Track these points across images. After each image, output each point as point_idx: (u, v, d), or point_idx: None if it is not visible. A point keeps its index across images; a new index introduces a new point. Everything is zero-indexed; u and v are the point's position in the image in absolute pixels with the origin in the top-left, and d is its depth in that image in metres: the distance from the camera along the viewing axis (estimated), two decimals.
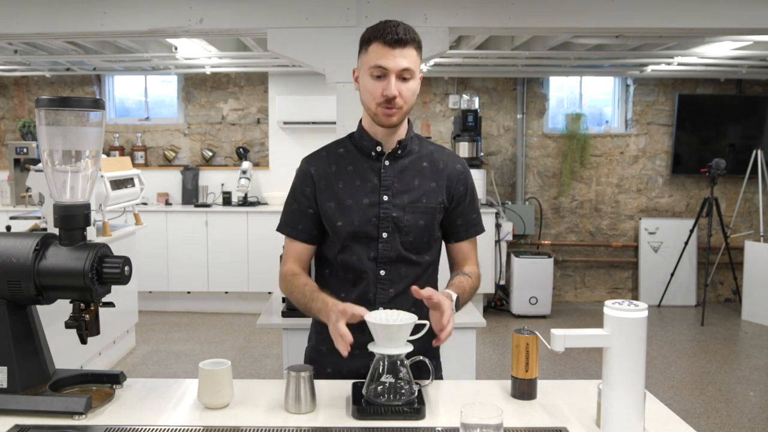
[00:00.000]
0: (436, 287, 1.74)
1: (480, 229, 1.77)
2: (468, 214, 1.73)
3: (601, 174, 6.43)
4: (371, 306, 1.63)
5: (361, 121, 1.70)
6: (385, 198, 1.64)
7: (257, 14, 3.35)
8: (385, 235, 1.64)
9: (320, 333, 1.74)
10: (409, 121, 1.70)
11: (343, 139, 1.75)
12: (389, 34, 1.53)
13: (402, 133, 1.67)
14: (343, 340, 1.40)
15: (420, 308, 1.67)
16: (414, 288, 1.48)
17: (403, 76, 1.55)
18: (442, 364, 1.84)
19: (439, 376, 1.80)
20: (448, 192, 1.69)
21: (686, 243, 6.02)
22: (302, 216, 1.69)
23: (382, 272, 1.65)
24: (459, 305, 1.62)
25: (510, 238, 5.74)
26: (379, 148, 1.66)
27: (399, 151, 1.67)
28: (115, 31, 3.44)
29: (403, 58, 1.53)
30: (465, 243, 1.75)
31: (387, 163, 1.66)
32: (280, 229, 1.73)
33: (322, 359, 1.73)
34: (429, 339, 1.77)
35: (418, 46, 1.58)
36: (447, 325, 1.46)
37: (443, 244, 1.78)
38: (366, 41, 1.58)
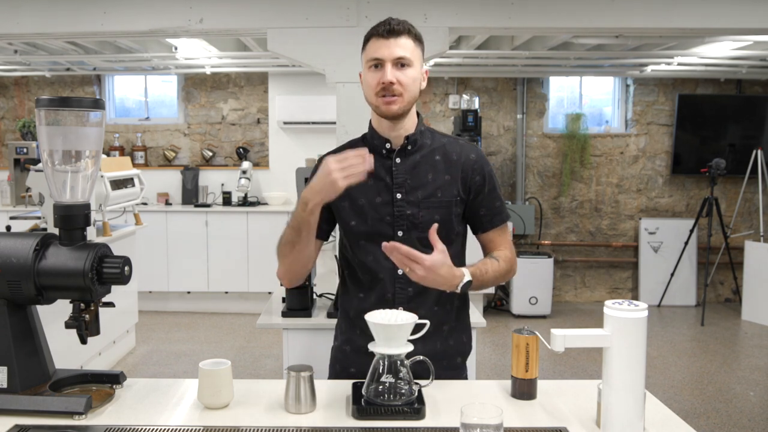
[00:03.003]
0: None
1: (505, 217, 1.72)
2: (490, 204, 1.69)
3: (601, 174, 6.43)
4: (391, 306, 1.61)
5: (371, 121, 1.70)
6: (398, 196, 1.63)
7: (257, 14, 3.35)
8: (400, 233, 1.63)
9: (345, 333, 1.75)
10: (418, 114, 1.69)
11: (357, 139, 1.74)
12: (383, 26, 1.57)
13: (410, 127, 1.65)
14: (345, 161, 1.42)
15: (443, 306, 1.67)
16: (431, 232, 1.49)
17: (401, 63, 1.56)
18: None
19: (464, 375, 1.78)
20: (464, 183, 1.66)
21: (686, 243, 6.02)
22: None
23: (400, 271, 1.62)
24: (473, 285, 1.57)
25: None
26: (388, 145, 1.65)
27: (409, 147, 1.65)
28: (115, 31, 3.44)
29: (398, 47, 1.56)
30: (491, 232, 1.70)
31: (398, 160, 1.65)
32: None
33: (346, 359, 1.73)
34: (456, 336, 1.74)
35: (415, 38, 1.59)
36: (416, 257, 1.45)
37: (469, 236, 1.74)
38: (365, 41, 1.62)
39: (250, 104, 6.49)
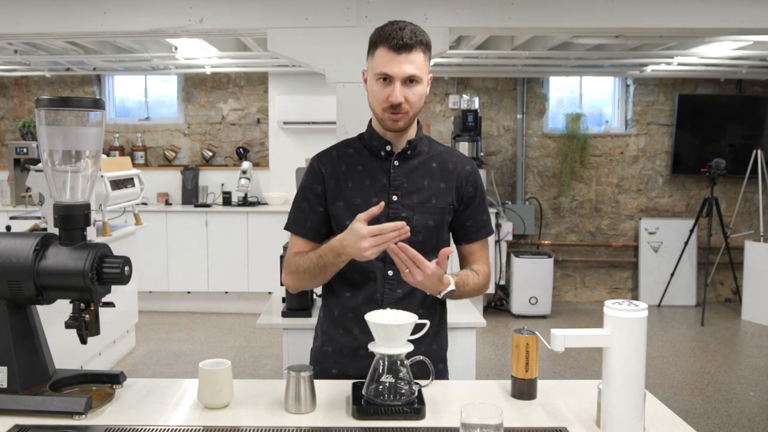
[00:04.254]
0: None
1: (489, 231, 1.75)
2: (478, 216, 1.72)
3: (601, 174, 6.43)
4: (378, 307, 1.61)
5: (371, 121, 1.70)
6: (395, 198, 1.64)
7: (257, 14, 3.35)
8: None
9: (326, 333, 1.74)
10: (418, 122, 1.69)
11: (353, 139, 1.74)
12: (394, 38, 1.52)
13: (412, 133, 1.67)
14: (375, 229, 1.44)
15: (428, 309, 1.67)
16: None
17: (410, 80, 1.55)
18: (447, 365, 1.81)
19: (445, 377, 1.78)
20: (458, 193, 1.68)
21: (686, 243, 6.02)
22: (311, 214, 1.68)
23: (390, 272, 1.64)
24: (453, 295, 1.59)
25: (510, 238, 5.74)
26: (388, 148, 1.65)
27: (408, 152, 1.66)
28: (115, 31, 3.44)
29: (409, 63, 1.53)
30: (475, 244, 1.73)
31: (396, 163, 1.66)
32: (288, 227, 1.71)
33: (327, 360, 1.72)
34: (439, 341, 1.75)
35: (425, 48, 1.57)
36: (417, 263, 1.46)
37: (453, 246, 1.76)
38: (373, 44, 1.58)
39: (250, 104, 6.49)
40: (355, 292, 1.67)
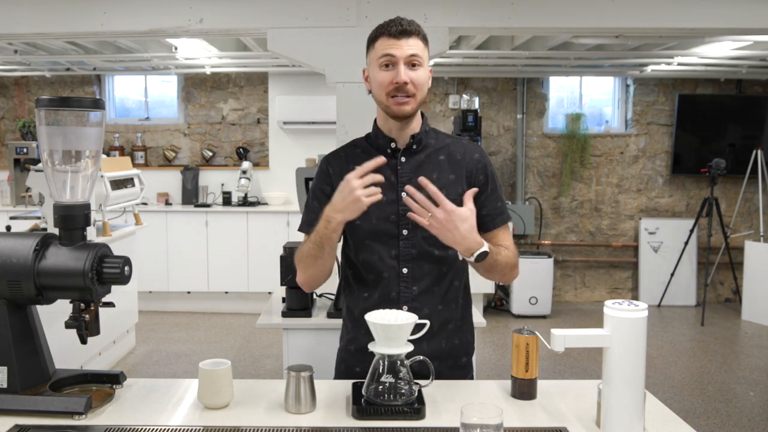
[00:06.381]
0: (466, 283, 1.73)
1: (506, 217, 1.72)
2: (492, 204, 1.69)
3: (601, 174, 6.43)
4: (395, 305, 1.62)
5: (375, 120, 1.70)
6: (404, 195, 1.64)
7: (257, 14, 3.34)
8: (405, 232, 1.63)
9: (349, 333, 1.74)
10: (423, 115, 1.69)
11: (360, 139, 1.75)
12: (394, 26, 1.56)
13: (416, 127, 1.66)
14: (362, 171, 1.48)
15: (448, 304, 1.67)
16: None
17: (412, 62, 1.56)
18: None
19: (469, 371, 1.77)
20: (468, 183, 1.67)
21: (686, 243, 6.02)
22: (321, 213, 1.65)
23: (405, 270, 1.63)
24: (487, 260, 1.54)
25: None
26: (393, 145, 1.66)
27: (414, 146, 1.66)
28: (115, 31, 3.43)
29: (409, 47, 1.56)
30: (494, 232, 1.70)
31: (403, 159, 1.65)
32: (301, 228, 1.71)
33: (351, 359, 1.73)
34: (462, 335, 1.73)
35: (424, 39, 1.60)
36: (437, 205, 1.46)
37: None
38: (372, 39, 1.61)
39: (250, 104, 6.49)
40: (371, 292, 1.67)
